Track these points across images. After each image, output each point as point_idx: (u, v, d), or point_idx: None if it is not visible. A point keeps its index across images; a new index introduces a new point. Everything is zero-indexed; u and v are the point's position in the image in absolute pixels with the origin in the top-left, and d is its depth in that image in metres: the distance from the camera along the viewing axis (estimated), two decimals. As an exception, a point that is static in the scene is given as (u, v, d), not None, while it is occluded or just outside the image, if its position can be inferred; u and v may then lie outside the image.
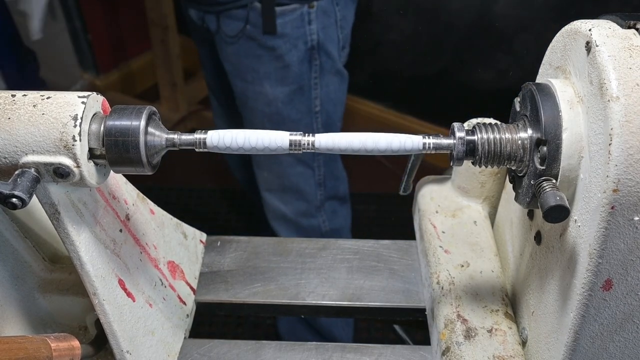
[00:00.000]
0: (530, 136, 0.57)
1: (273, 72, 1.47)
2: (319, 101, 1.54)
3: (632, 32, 0.53)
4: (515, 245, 0.77)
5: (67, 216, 0.60)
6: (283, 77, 1.47)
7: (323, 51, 1.47)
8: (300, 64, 1.46)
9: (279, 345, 0.81)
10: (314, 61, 1.47)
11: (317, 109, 1.55)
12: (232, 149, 0.58)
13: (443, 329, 0.74)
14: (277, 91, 1.49)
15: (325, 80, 1.52)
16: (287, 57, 1.44)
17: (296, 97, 1.51)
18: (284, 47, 1.43)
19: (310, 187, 1.67)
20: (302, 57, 1.45)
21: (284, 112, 1.51)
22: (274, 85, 1.48)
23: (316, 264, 0.90)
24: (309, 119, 1.55)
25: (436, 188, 0.92)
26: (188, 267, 0.86)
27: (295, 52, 1.44)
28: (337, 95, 1.59)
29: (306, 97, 1.52)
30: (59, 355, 0.58)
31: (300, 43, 1.44)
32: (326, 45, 1.47)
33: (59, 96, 0.56)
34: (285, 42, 1.43)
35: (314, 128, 1.57)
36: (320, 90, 1.52)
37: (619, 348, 0.60)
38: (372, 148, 0.58)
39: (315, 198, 1.69)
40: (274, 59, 1.45)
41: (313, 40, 1.44)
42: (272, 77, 1.47)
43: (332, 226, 1.76)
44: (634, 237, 0.52)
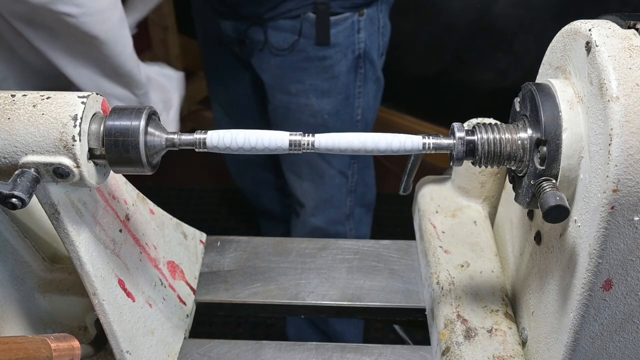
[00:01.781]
0: (530, 136, 0.57)
1: (320, 84, 1.43)
2: (360, 110, 1.51)
3: (632, 32, 0.53)
4: (515, 245, 0.77)
5: (67, 216, 0.60)
6: (330, 88, 1.44)
7: (368, 59, 1.45)
8: (348, 74, 1.43)
9: (279, 345, 0.81)
10: (360, 70, 1.45)
11: (359, 117, 1.53)
12: (232, 149, 0.58)
13: (443, 329, 0.74)
14: (323, 102, 1.45)
15: (367, 88, 1.50)
16: (336, 68, 1.41)
17: (342, 108, 1.48)
18: (335, 58, 1.40)
19: (342, 195, 1.64)
20: (350, 66, 1.43)
21: (329, 124, 1.48)
22: (320, 97, 1.45)
23: (316, 264, 0.90)
24: (350, 128, 1.52)
25: (436, 188, 0.92)
26: (188, 267, 0.86)
27: (345, 62, 1.42)
28: (374, 103, 1.57)
29: (350, 107, 1.49)
30: (59, 355, 0.58)
31: (349, 52, 1.41)
32: (371, 53, 1.45)
33: (59, 96, 0.56)
34: (336, 52, 1.40)
35: None
36: (362, 100, 1.50)
37: (619, 348, 0.60)
38: (372, 148, 0.58)
39: (345, 206, 1.66)
40: (322, 70, 1.42)
41: (360, 48, 1.42)
42: (319, 89, 1.44)
43: (357, 235, 1.73)
44: (634, 237, 0.52)
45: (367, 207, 1.75)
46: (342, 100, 1.47)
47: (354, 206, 1.68)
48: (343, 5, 1.36)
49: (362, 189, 1.67)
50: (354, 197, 1.66)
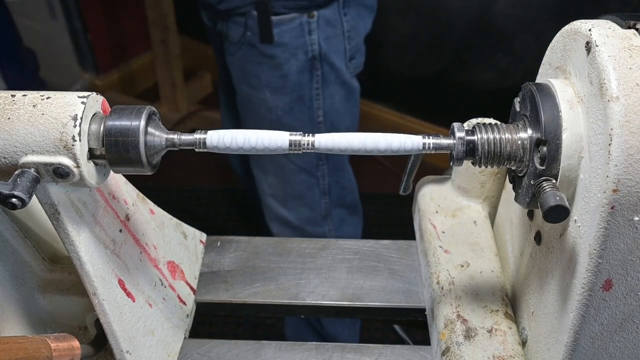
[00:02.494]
0: (530, 136, 0.57)
1: (272, 80, 1.45)
2: (321, 112, 1.51)
3: (632, 32, 0.53)
4: (515, 245, 0.77)
5: (67, 216, 0.60)
6: (282, 86, 1.46)
7: (326, 62, 1.45)
8: (300, 74, 1.44)
9: (279, 345, 0.81)
10: (315, 71, 1.45)
11: (320, 119, 1.52)
12: (232, 149, 0.58)
13: (443, 329, 0.74)
14: (277, 99, 1.47)
15: (330, 91, 1.49)
16: (285, 67, 1.43)
17: (296, 107, 1.49)
18: (282, 57, 1.42)
19: (315, 195, 1.64)
20: (301, 66, 1.43)
21: (284, 120, 1.50)
22: (273, 93, 1.47)
23: (316, 264, 0.90)
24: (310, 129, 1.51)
25: (436, 188, 0.92)
26: (188, 267, 0.86)
27: (295, 61, 1.42)
28: (343, 106, 1.55)
29: (307, 107, 1.50)
30: (59, 355, 0.58)
31: (300, 53, 1.42)
32: (329, 56, 1.45)
33: (59, 96, 0.56)
34: (283, 51, 1.41)
35: None
36: (323, 101, 1.50)
37: (619, 348, 0.60)
38: (372, 148, 0.58)
39: (320, 207, 1.66)
40: (273, 68, 1.44)
41: (314, 50, 1.42)
42: (272, 85, 1.46)
43: (339, 234, 1.73)
44: (634, 237, 0.52)
45: (348, 208, 1.75)
46: (295, 99, 1.48)
47: (331, 207, 1.68)
48: (286, 6, 1.37)
49: (337, 191, 1.67)
50: (329, 199, 1.66)
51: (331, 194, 1.66)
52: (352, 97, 1.57)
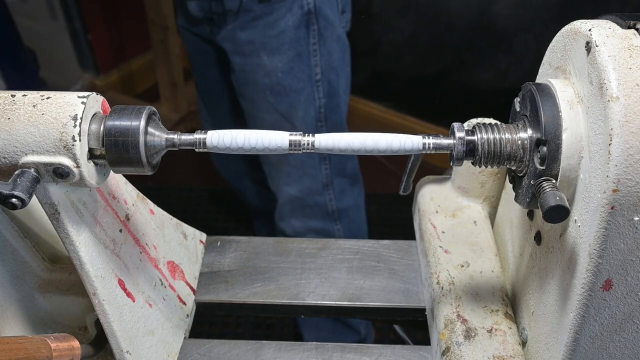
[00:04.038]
0: (530, 136, 0.57)
1: (269, 41, 1.44)
2: (319, 69, 1.49)
3: (632, 32, 0.53)
4: (515, 245, 0.77)
5: (67, 216, 0.60)
6: (280, 45, 1.44)
7: (321, 15, 1.44)
8: (297, 30, 1.43)
9: (279, 345, 0.81)
10: (312, 26, 1.44)
11: (318, 77, 1.50)
12: (232, 149, 0.58)
13: (443, 329, 0.74)
14: (275, 60, 1.46)
15: (327, 47, 1.48)
16: (282, 23, 1.42)
17: (295, 65, 1.47)
18: (279, 12, 1.41)
19: (314, 160, 1.62)
20: (298, 22, 1.42)
21: (284, 82, 1.48)
22: (271, 55, 1.45)
23: (316, 264, 0.90)
24: (310, 88, 1.51)
25: (436, 188, 0.92)
26: (188, 267, 0.86)
27: (291, 16, 1.41)
28: (339, 63, 1.54)
29: (306, 65, 1.48)
30: (59, 355, 0.58)
31: (295, 7, 1.41)
32: (324, 9, 1.44)
33: (59, 96, 0.56)
34: (280, 6, 1.40)
35: (315, 97, 1.52)
36: (320, 58, 1.48)
37: (619, 348, 0.60)
38: (372, 148, 0.58)
39: (320, 173, 1.64)
40: (269, 27, 1.42)
41: (309, 3, 1.41)
42: (268, 47, 1.45)
43: (340, 205, 1.71)
44: (634, 237, 0.52)
45: (349, 178, 1.73)
46: (293, 57, 1.46)
47: (332, 175, 1.66)
48: None
49: (337, 157, 1.65)
50: (329, 165, 1.64)
51: (331, 161, 1.64)
52: (345, 54, 1.56)
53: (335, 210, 1.71)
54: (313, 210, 1.69)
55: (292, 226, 1.72)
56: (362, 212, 1.82)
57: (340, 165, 1.67)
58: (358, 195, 1.80)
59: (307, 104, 1.52)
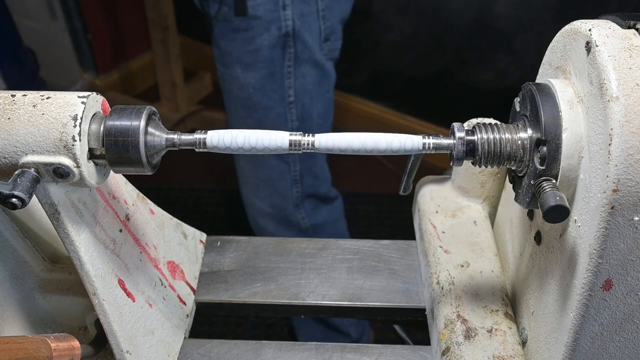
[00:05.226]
0: (530, 136, 0.57)
1: (244, 56, 1.45)
2: (292, 91, 1.50)
3: (632, 32, 0.53)
4: (515, 245, 0.77)
5: (67, 216, 0.60)
6: (254, 61, 1.46)
7: (299, 39, 1.44)
8: (272, 49, 1.44)
9: (279, 345, 0.81)
10: (288, 48, 1.45)
11: (291, 99, 1.51)
12: (232, 149, 0.58)
13: (443, 329, 0.74)
14: (248, 76, 1.47)
15: (301, 70, 1.49)
16: (258, 41, 1.43)
17: (267, 84, 1.48)
18: (255, 30, 1.42)
19: (286, 182, 1.62)
20: (274, 42, 1.43)
21: (255, 98, 1.50)
22: (245, 69, 1.47)
23: (316, 264, 0.90)
24: (282, 109, 1.52)
25: (436, 188, 0.92)
26: (188, 267, 0.86)
27: (267, 36, 1.42)
28: (315, 88, 1.54)
29: (278, 85, 1.49)
30: (59, 355, 0.58)
31: (273, 27, 1.41)
32: (303, 34, 1.44)
33: (59, 96, 0.56)
34: (257, 24, 1.41)
35: (287, 119, 1.54)
36: (294, 80, 1.49)
37: (619, 348, 0.60)
38: (372, 148, 0.58)
39: (292, 194, 1.65)
40: (245, 42, 1.43)
41: (288, 26, 1.42)
42: (243, 61, 1.46)
43: (314, 222, 1.71)
44: (634, 237, 0.52)
45: (322, 198, 1.72)
46: (266, 75, 1.47)
47: (302, 197, 1.66)
48: None
49: (310, 180, 1.65)
50: (300, 187, 1.64)
51: (303, 183, 1.64)
52: (325, 81, 1.56)
53: (309, 227, 1.71)
54: (286, 225, 1.70)
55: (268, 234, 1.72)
56: (341, 223, 1.82)
57: (313, 189, 1.67)
58: (335, 209, 1.79)
59: (276, 124, 1.53)
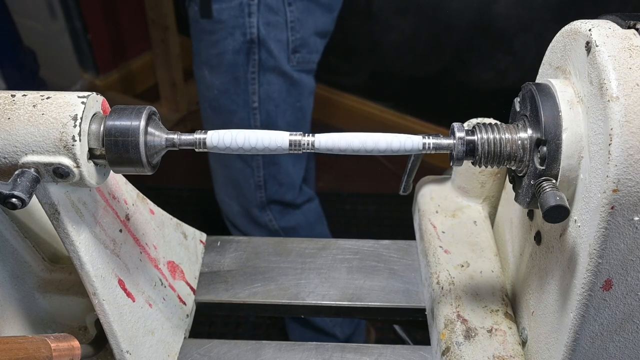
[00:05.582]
0: (530, 136, 0.57)
1: (210, 58, 1.47)
2: (257, 97, 1.50)
3: (632, 32, 0.53)
4: (515, 245, 0.77)
5: (67, 216, 0.60)
6: (219, 64, 1.47)
7: (264, 47, 1.45)
8: (236, 54, 1.45)
9: (279, 345, 0.81)
10: (252, 55, 1.45)
11: (255, 104, 1.51)
12: (232, 149, 0.58)
13: (443, 329, 0.74)
14: (213, 78, 1.49)
15: (266, 77, 1.49)
16: (222, 44, 1.44)
17: (231, 88, 1.49)
18: (220, 34, 1.43)
19: (250, 185, 1.63)
20: (238, 47, 1.44)
21: (220, 100, 1.51)
22: (211, 71, 1.49)
23: (316, 264, 0.90)
24: (245, 113, 1.53)
25: (436, 188, 0.92)
26: (188, 267, 0.86)
27: (232, 41, 1.43)
28: (281, 96, 1.54)
29: (242, 90, 1.50)
30: (59, 355, 0.58)
31: (237, 33, 1.42)
32: (268, 43, 1.44)
33: (59, 96, 0.56)
34: (221, 28, 1.42)
35: (251, 124, 1.54)
36: (258, 87, 1.49)
37: (619, 348, 0.60)
38: (372, 148, 0.58)
39: (256, 198, 1.65)
40: (211, 45, 1.45)
41: (252, 33, 1.42)
42: (210, 63, 1.48)
43: (284, 224, 1.71)
44: (634, 237, 0.52)
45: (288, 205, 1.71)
46: (230, 79, 1.48)
47: (267, 202, 1.66)
48: None
49: (274, 186, 1.64)
50: (264, 193, 1.64)
51: (267, 189, 1.64)
52: (294, 90, 1.55)
53: (278, 229, 1.71)
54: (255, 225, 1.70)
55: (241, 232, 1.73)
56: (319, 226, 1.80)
57: (278, 195, 1.67)
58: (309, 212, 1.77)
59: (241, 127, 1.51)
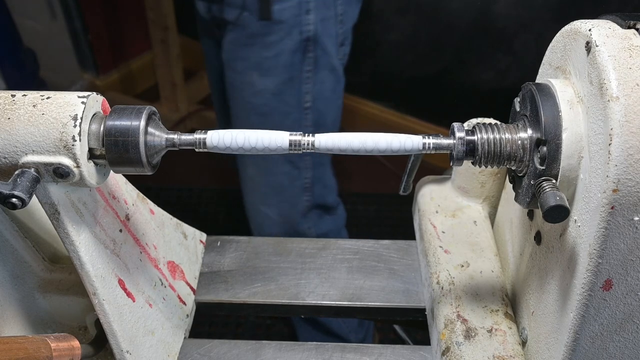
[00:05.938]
0: (530, 136, 0.57)
1: (263, 61, 1.43)
2: (310, 97, 1.49)
3: (632, 32, 0.53)
4: (515, 245, 0.77)
5: (67, 216, 0.60)
6: (273, 67, 1.44)
7: (319, 44, 1.43)
8: (293, 54, 1.42)
9: (279, 345, 0.81)
10: (308, 53, 1.43)
11: (308, 104, 1.50)
12: (232, 149, 0.58)
13: (443, 329, 0.74)
14: (267, 81, 1.45)
15: (320, 76, 1.48)
16: (279, 46, 1.41)
17: (286, 89, 1.47)
18: (278, 34, 1.40)
19: (295, 189, 1.60)
20: (295, 47, 1.42)
21: (272, 104, 1.48)
22: (262, 75, 1.45)
23: (316, 264, 0.90)
24: (298, 114, 1.51)
25: (436, 188, 0.92)
26: (188, 267, 0.86)
27: (289, 40, 1.41)
28: (331, 94, 1.53)
29: (296, 90, 1.47)
30: (59, 355, 0.58)
31: (295, 32, 1.40)
32: (323, 39, 1.43)
33: (59, 96, 0.56)
34: (280, 29, 1.39)
35: (302, 125, 1.52)
36: (312, 86, 1.48)
37: (619, 348, 0.60)
38: (372, 148, 0.58)
39: (301, 203, 1.62)
40: (266, 47, 1.42)
41: (309, 31, 1.41)
42: (262, 66, 1.44)
43: (319, 231, 1.70)
44: (634, 237, 0.52)
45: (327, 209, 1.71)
46: (285, 80, 1.45)
47: (311, 206, 1.64)
48: None
49: (320, 189, 1.63)
50: (310, 196, 1.62)
51: (313, 192, 1.62)
52: (338, 87, 1.55)
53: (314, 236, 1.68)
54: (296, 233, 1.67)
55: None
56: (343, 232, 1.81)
57: (321, 198, 1.65)
58: (338, 218, 1.77)
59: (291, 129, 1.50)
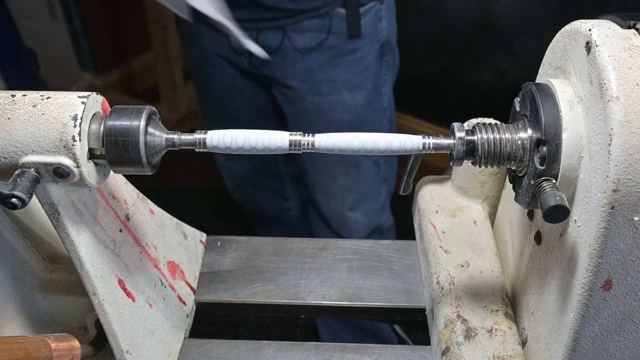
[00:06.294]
0: (530, 136, 0.57)
1: (352, 78, 1.41)
2: (387, 97, 1.51)
3: (632, 32, 0.53)
4: (515, 245, 0.77)
5: (67, 216, 0.60)
6: (362, 81, 1.43)
7: (389, 46, 1.45)
8: (375, 64, 1.43)
9: (279, 345, 0.81)
10: (384, 57, 1.45)
11: (386, 105, 1.51)
12: (232, 149, 0.58)
13: (443, 329, 0.74)
14: (356, 96, 1.44)
15: (390, 74, 1.50)
16: (367, 59, 1.41)
17: (373, 98, 1.47)
18: (365, 49, 1.40)
19: (376, 184, 1.60)
20: (376, 56, 1.43)
21: (362, 116, 1.47)
22: (352, 91, 1.43)
23: (316, 264, 0.90)
24: (380, 117, 1.52)
25: (436, 188, 0.92)
26: (188, 267, 0.86)
27: (373, 51, 1.41)
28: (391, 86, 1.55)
29: (379, 96, 1.49)
30: (59, 355, 0.58)
31: (374, 41, 1.41)
32: (391, 40, 1.45)
33: (59, 96, 0.56)
34: (366, 43, 1.39)
35: (383, 124, 1.52)
36: (387, 87, 1.50)
37: (619, 348, 0.60)
38: (372, 148, 0.58)
39: (381, 195, 1.63)
40: (354, 64, 1.40)
41: (383, 37, 1.42)
42: (351, 83, 1.42)
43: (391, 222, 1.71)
44: (634, 237, 0.52)
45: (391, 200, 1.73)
46: (372, 90, 1.46)
47: (387, 196, 1.65)
48: None
49: (392, 177, 1.64)
50: (387, 186, 1.63)
51: (388, 182, 1.62)
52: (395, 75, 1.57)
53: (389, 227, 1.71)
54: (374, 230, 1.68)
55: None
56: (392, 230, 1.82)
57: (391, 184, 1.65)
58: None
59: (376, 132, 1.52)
